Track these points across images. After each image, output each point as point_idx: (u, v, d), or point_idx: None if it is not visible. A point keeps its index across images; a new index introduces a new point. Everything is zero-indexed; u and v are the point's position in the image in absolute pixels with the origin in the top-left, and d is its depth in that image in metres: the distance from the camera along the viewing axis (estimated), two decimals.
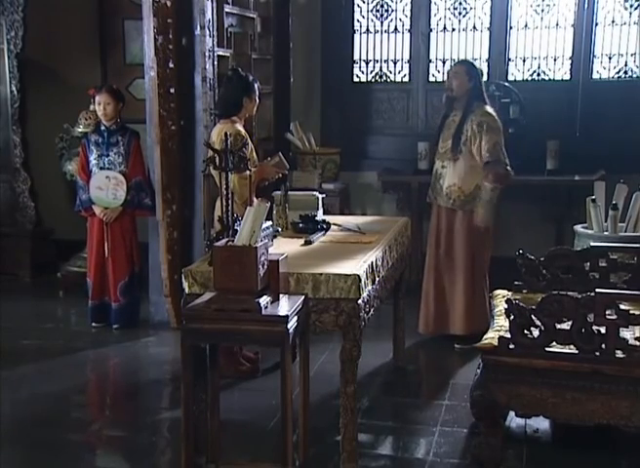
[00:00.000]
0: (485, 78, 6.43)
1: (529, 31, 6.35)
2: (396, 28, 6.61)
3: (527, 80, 6.43)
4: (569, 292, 3.17)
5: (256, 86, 4.36)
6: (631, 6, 6.15)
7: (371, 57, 6.69)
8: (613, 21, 6.18)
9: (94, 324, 5.27)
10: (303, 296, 2.98)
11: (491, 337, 3.27)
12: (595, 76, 6.28)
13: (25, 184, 6.72)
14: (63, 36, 6.65)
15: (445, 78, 4.96)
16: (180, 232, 5.06)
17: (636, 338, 3.11)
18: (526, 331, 3.11)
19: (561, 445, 3.58)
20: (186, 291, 3.20)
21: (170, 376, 4.41)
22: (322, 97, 6.66)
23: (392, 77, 6.71)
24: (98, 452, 3.68)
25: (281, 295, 2.88)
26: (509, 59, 6.42)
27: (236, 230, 2.97)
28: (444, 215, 4.85)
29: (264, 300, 2.76)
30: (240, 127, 4.23)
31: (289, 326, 2.72)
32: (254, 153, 4.25)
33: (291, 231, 3.97)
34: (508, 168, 4.79)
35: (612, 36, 6.20)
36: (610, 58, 6.24)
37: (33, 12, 6.52)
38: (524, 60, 6.41)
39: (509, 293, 3.90)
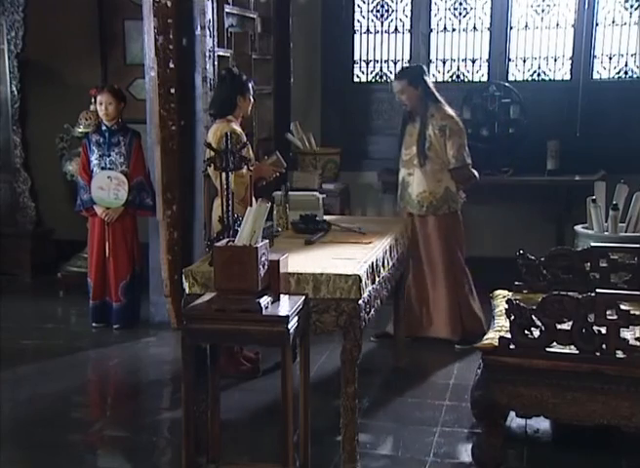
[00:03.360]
0: (485, 78, 6.46)
1: (529, 31, 6.35)
2: (396, 29, 6.61)
3: (527, 80, 6.43)
4: (569, 293, 3.17)
5: (250, 85, 4.36)
6: (632, 6, 6.15)
7: (371, 57, 6.68)
8: (613, 22, 6.18)
9: (94, 324, 5.27)
10: (304, 297, 2.98)
11: (491, 337, 3.27)
12: (595, 76, 6.28)
13: (26, 184, 6.73)
14: (64, 36, 6.64)
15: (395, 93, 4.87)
16: (181, 232, 5.06)
17: (637, 339, 3.11)
18: (526, 332, 3.11)
19: (561, 445, 3.58)
20: (187, 291, 3.20)
21: (170, 377, 4.42)
22: (322, 97, 6.66)
23: (392, 77, 6.69)
24: (98, 453, 3.68)
25: (282, 296, 2.88)
26: (509, 60, 6.42)
27: (237, 230, 2.97)
28: (417, 223, 4.82)
29: (265, 301, 2.76)
30: (236, 126, 4.24)
31: (289, 326, 2.72)
32: (250, 152, 4.25)
33: (291, 231, 3.97)
34: (474, 171, 4.82)
35: (612, 36, 6.20)
36: (610, 59, 6.24)
37: (33, 12, 6.53)
38: (524, 61, 6.41)
39: (510, 294, 3.90)
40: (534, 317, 3.10)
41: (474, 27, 6.44)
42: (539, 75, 6.41)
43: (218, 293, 2.79)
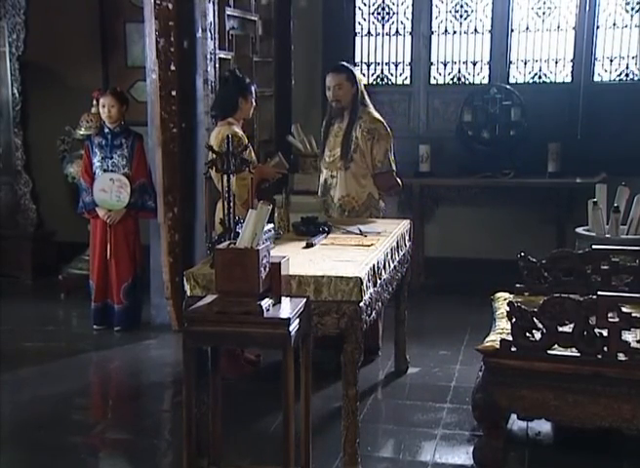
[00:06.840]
0: (486, 81, 6.47)
1: (530, 34, 6.36)
2: (397, 31, 6.62)
3: (528, 82, 6.44)
4: (571, 295, 3.17)
5: (252, 88, 4.37)
6: (632, 9, 6.16)
7: (372, 59, 6.70)
8: (614, 24, 6.19)
9: (95, 326, 5.27)
10: (305, 299, 2.97)
11: (492, 340, 3.27)
12: (597, 79, 6.29)
13: (27, 187, 6.73)
14: (65, 39, 6.66)
15: (327, 88, 4.61)
16: (182, 234, 5.07)
17: (638, 341, 3.11)
18: (528, 334, 3.11)
19: (563, 447, 3.57)
20: (188, 293, 3.21)
21: (171, 379, 4.42)
22: (323, 99, 6.64)
23: (394, 80, 6.72)
24: (99, 455, 3.68)
25: (283, 298, 2.88)
26: (511, 62, 6.43)
27: (238, 233, 2.97)
28: None
29: (266, 303, 2.76)
30: (237, 129, 4.24)
31: (291, 328, 2.72)
32: (252, 154, 4.25)
33: (292, 234, 3.97)
34: (397, 179, 4.65)
35: (613, 39, 6.22)
36: (611, 61, 6.25)
37: (35, 14, 6.54)
38: (525, 63, 6.42)
39: (511, 296, 3.90)
40: (535, 319, 3.10)
41: (475, 30, 6.46)
42: (539, 77, 6.43)
43: (219, 296, 2.79)
